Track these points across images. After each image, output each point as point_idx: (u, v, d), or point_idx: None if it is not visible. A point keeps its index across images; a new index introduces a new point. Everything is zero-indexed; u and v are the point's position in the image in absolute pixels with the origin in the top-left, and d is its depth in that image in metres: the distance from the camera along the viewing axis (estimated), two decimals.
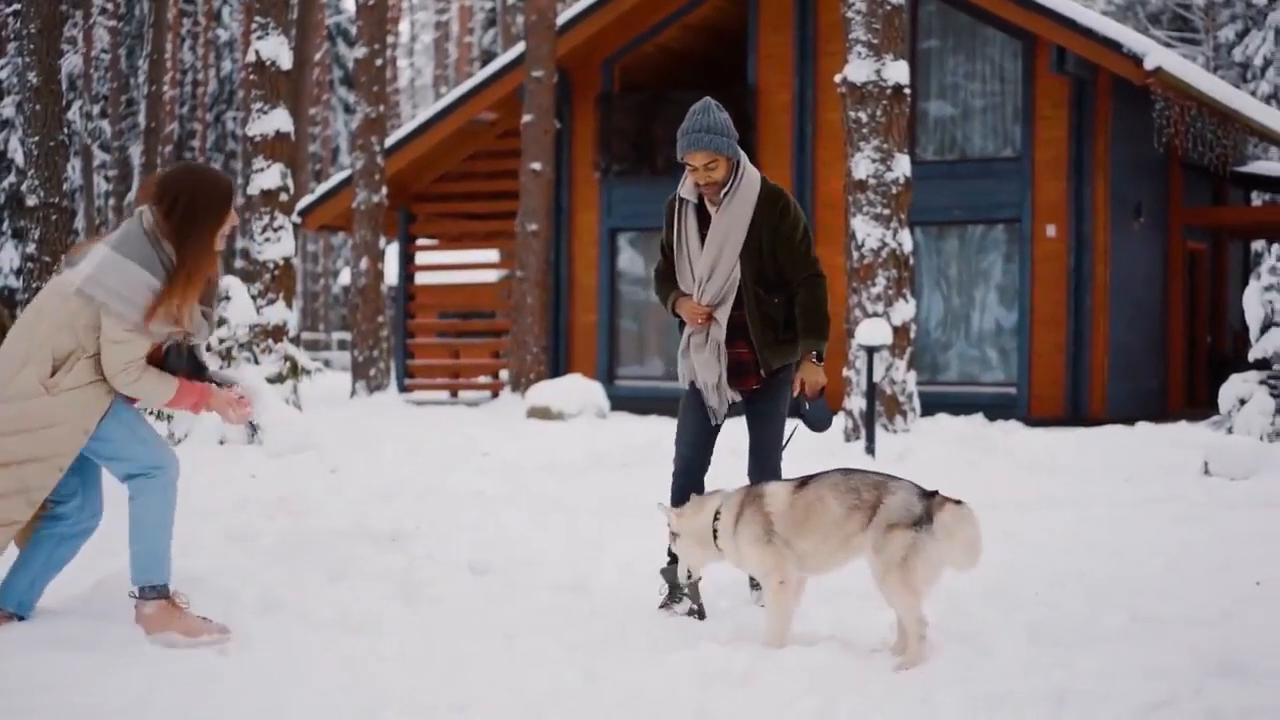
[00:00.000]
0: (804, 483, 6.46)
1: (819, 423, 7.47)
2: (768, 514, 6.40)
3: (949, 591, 7.52)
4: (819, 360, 7.40)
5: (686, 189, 7.33)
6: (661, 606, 7.18)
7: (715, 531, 6.53)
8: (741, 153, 7.25)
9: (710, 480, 7.28)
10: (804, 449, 8.05)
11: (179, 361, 6.22)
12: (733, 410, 7.38)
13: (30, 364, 5.94)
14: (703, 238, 7.25)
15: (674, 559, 6.93)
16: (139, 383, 6.02)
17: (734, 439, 7.97)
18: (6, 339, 6.06)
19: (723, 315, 7.23)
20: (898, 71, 16.48)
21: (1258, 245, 32.95)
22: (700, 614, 7.08)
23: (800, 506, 6.37)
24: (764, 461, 7.33)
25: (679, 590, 7.15)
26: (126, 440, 6.11)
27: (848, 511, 6.28)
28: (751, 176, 7.25)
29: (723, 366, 7.24)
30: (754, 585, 7.32)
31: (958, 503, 6.26)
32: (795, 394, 7.37)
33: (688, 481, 7.26)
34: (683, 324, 7.43)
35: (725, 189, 7.19)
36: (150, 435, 6.21)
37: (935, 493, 6.27)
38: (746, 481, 7.05)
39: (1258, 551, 8.86)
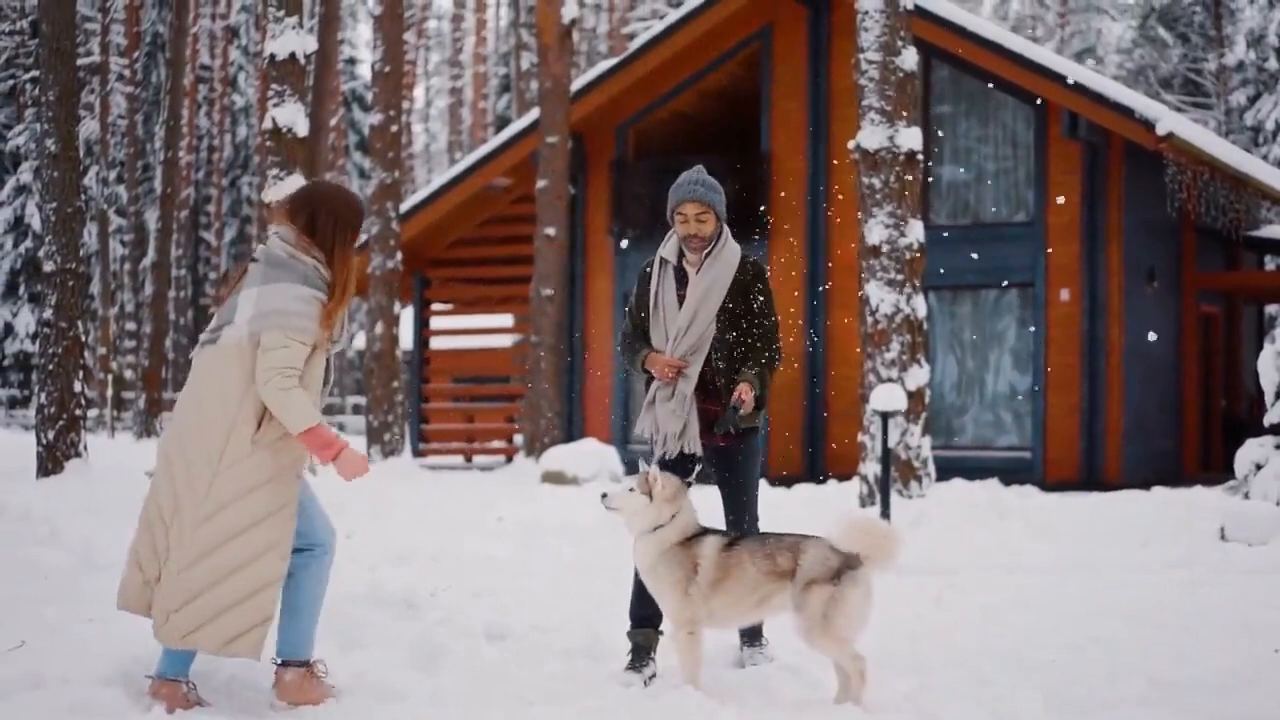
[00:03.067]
0: (733, 543, 6.74)
1: (729, 424, 7.38)
2: (695, 563, 6.67)
3: (964, 657, 7.50)
4: (759, 394, 7.42)
5: (668, 249, 7.58)
6: (627, 669, 7.25)
7: (653, 528, 6.79)
8: (725, 220, 7.53)
9: None
10: (819, 510, 8.02)
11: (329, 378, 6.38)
12: (704, 475, 7.49)
13: (238, 425, 6.01)
14: (680, 297, 7.48)
15: (637, 623, 7.27)
16: (289, 394, 6.05)
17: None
18: (188, 413, 6.10)
19: (694, 370, 7.42)
20: (911, 138, 16.52)
21: (1271, 309, 32.96)
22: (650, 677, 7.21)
23: (722, 565, 6.65)
24: (741, 524, 7.46)
25: (646, 654, 7.31)
26: (303, 514, 6.23)
27: (764, 576, 6.55)
28: (733, 245, 7.57)
29: (689, 417, 7.40)
30: (744, 643, 7.52)
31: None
32: (732, 401, 7.38)
33: None
34: (650, 379, 7.56)
35: (709, 249, 7.44)
36: (316, 510, 6.34)
37: None
38: None
39: (1275, 617, 8.83)
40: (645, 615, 7.21)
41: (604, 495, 6.88)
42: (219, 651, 5.97)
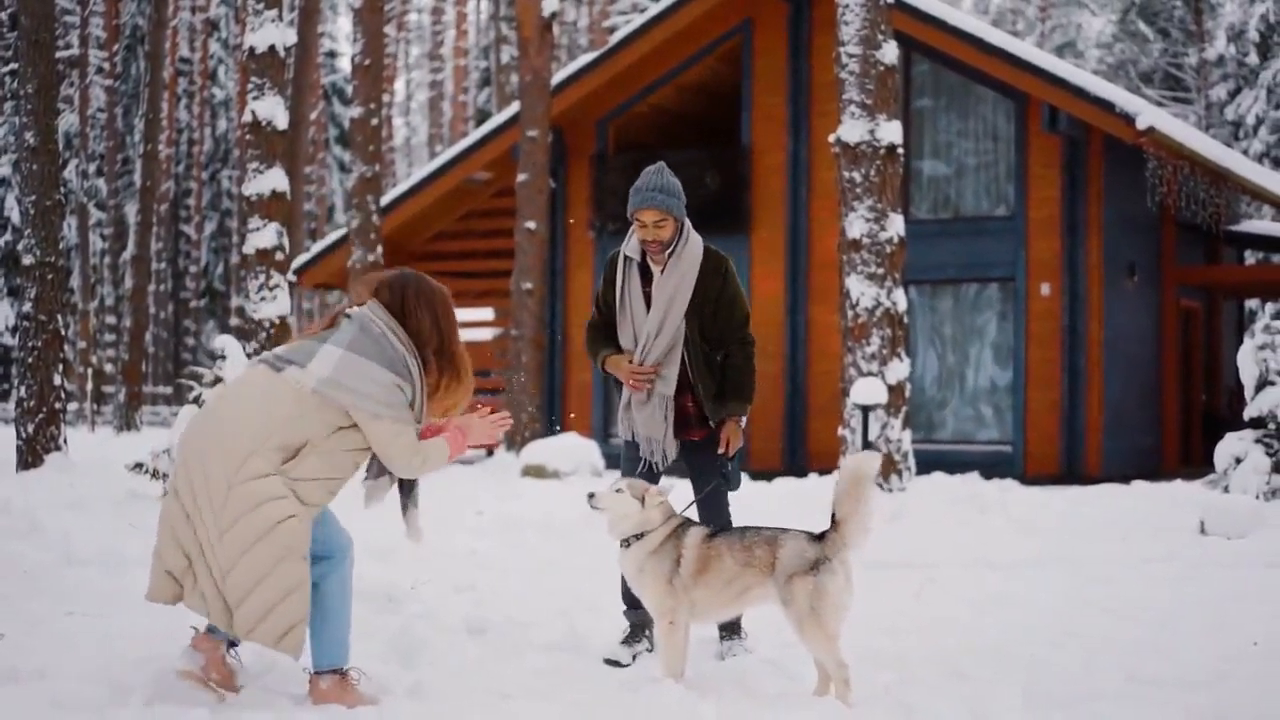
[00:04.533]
0: (714, 534, 6.80)
1: (735, 482, 7.69)
2: (680, 555, 6.73)
3: (944, 652, 7.51)
4: (740, 424, 7.60)
5: (631, 247, 7.64)
6: (620, 644, 7.46)
7: (639, 537, 6.82)
8: (687, 219, 7.55)
9: None
10: (802, 505, 8.02)
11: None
12: (674, 466, 7.62)
13: (261, 453, 6.01)
14: (645, 295, 7.54)
15: (631, 604, 7.42)
16: (427, 461, 6.31)
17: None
18: (221, 421, 6.12)
19: (671, 372, 7.48)
20: (891, 131, 16.55)
21: (1251, 304, 33.07)
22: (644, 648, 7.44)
23: (702, 557, 6.71)
24: (713, 513, 7.50)
25: (641, 632, 7.49)
26: (319, 522, 6.26)
27: (742, 568, 6.62)
28: (695, 240, 7.58)
29: (668, 424, 7.49)
30: (723, 636, 7.60)
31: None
32: (720, 451, 7.51)
33: None
34: (618, 380, 7.63)
35: (670, 249, 7.50)
36: (331, 517, 6.37)
37: (825, 534, 6.54)
38: None
39: (1254, 611, 8.85)
40: (636, 597, 7.20)
41: (590, 495, 6.87)
42: (275, 646, 5.98)
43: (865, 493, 6.47)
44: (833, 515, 6.49)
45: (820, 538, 6.54)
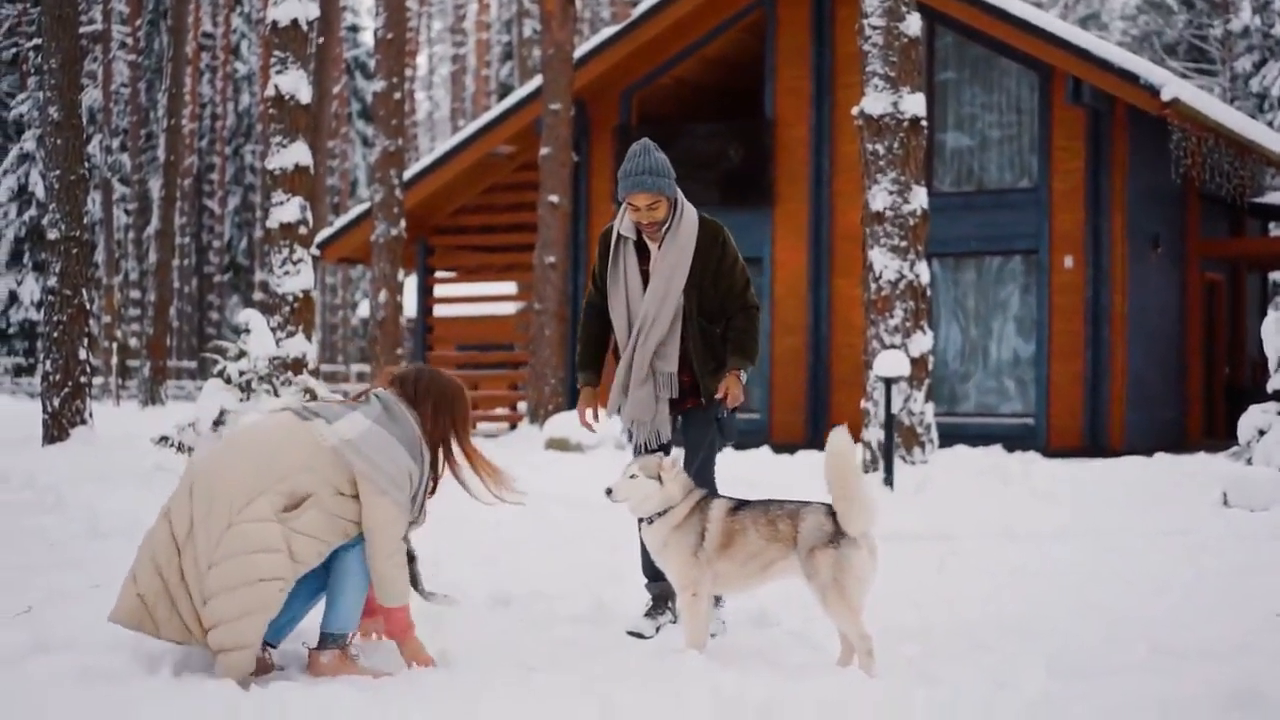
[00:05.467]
0: (738, 507, 6.81)
1: (730, 432, 7.66)
2: (704, 528, 6.75)
3: (967, 624, 7.53)
4: (742, 378, 7.57)
5: (626, 226, 7.55)
6: (644, 616, 7.50)
7: (662, 513, 6.84)
8: (679, 191, 7.48)
9: None
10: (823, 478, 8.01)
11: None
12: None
13: (264, 496, 6.07)
14: (642, 272, 7.51)
15: (652, 577, 7.43)
16: (397, 576, 6.33)
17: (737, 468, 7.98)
18: (236, 456, 6.18)
19: (672, 349, 7.48)
20: (914, 104, 16.50)
21: (1276, 276, 32.94)
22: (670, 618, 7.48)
23: (727, 530, 6.73)
24: (698, 465, 7.46)
25: (664, 603, 7.51)
26: None
27: (766, 543, 6.65)
28: (690, 214, 7.51)
29: (660, 403, 7.50)
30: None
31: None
32: (718, 397, 7.49)
33: None
34: (616, 356, 7.65)
35: (665, 227, 7.44)
36: None
37: None
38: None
39: (1276, 582, 8.84)
40: (658, 570, 7.22)
41: (608, 490, 6.90)
42: (219, 665, 6.01)
43: (851, 475, 6.51)
44: (833, 506, 6.54)
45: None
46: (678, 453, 7.40)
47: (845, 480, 6.50)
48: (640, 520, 6.95)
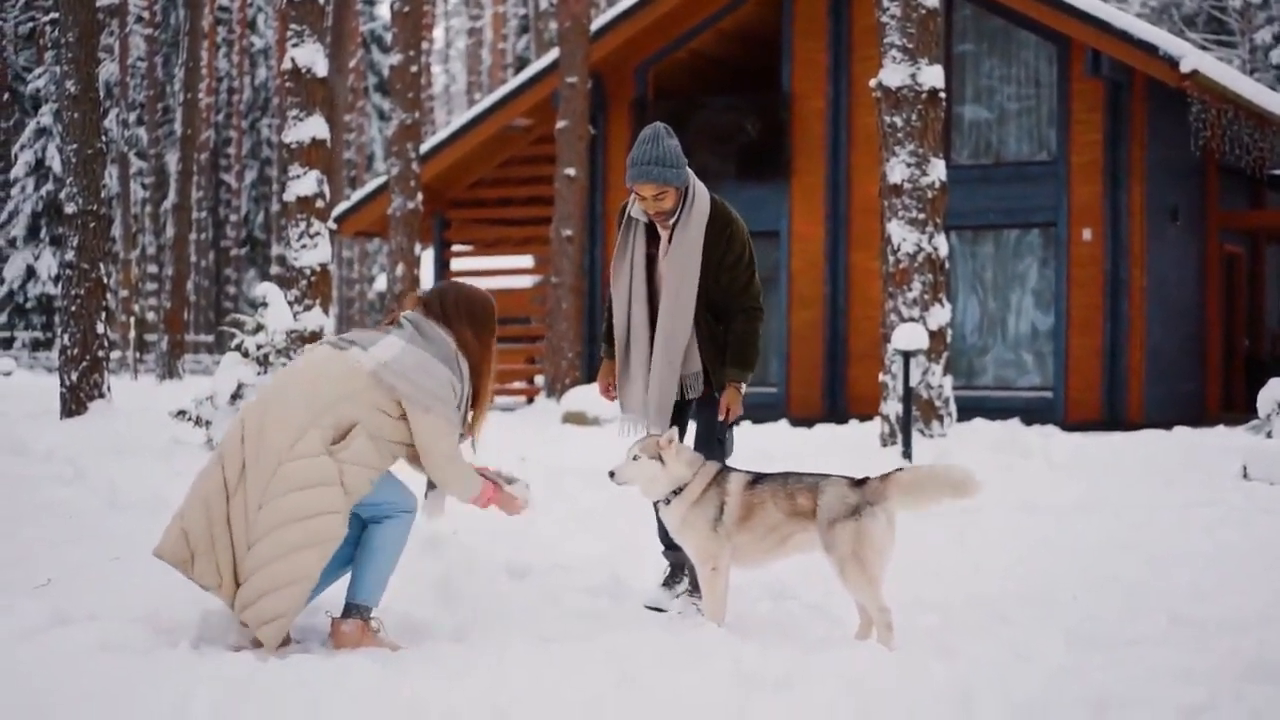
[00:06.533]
0: (756, 480, 6.80)
1: (729, 447, 7.55)
2: (723, 502, 6.74)
3: (986, 596, 7.52)
4: (742, 390, 7.51)
5: (637, 210, 7.44)
6: (661, 585, 7.48)
7: (677, 492, 6.82)
8: (691, 175, 7.33)
9: None
10: (843, 451, 8.02)
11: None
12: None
13: (314, 429, 6.15)
14: (650, 256, 7.42)
15: (668, 545, 7.40)
16: (459, 477, 6.50)
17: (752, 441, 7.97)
18: (283, 395, 6.25)
19: (677, 344, 7.39)
20: (933, 76, 16.45)
21: None
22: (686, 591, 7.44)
23: (746, 504, 6.73)
24: (709, 440, 7.44)
25: (680, 571, 7.47)
26: (383, 484, 6.37)
27: (786, 517, 6.66)
28: (700, 206, 7.33)
29: (652, 398, 7.47)
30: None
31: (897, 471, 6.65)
32: (720, 419, 7.43)
33: None
34: (626, 342, 7.58)
35: (675, 217, 7.31)
36: (398, 480, 6.50)
37: (866, 479, 6.61)
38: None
39: None
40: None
41: (611, 474, 6.88)
42: (255, 631, 6.08)
43: (936, 491, 6.60)
44: (896, 471, 6.57)
45: (861, 483, 6.58)
46: (673, 431, 7.31)
47: (929, 491, 6.61)
48: (656, 501, 6.93)
